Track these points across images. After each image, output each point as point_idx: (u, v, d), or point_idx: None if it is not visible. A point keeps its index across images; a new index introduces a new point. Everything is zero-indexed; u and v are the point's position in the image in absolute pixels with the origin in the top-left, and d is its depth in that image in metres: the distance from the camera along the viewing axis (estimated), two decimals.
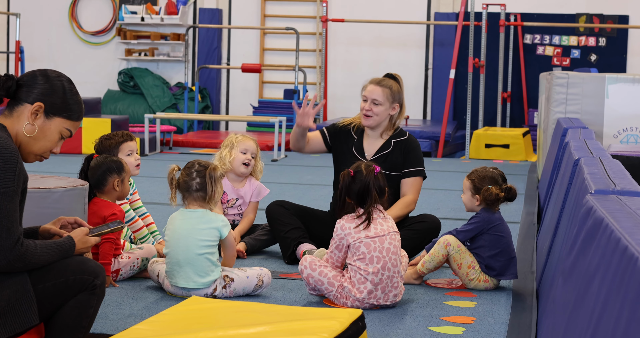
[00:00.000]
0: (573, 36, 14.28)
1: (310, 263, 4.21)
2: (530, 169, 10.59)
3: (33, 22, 15.65)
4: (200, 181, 4.32)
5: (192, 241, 4.29)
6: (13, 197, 2.98)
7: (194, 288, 4.29)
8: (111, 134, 5.05)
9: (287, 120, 13.35)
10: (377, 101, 5.16)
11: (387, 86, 5.18)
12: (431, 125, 13.34)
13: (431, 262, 4.57)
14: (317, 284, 4.18)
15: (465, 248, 4.56)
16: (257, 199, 5.54)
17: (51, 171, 8.80)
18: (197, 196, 4.34)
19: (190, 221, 4.32)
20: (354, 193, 4.15)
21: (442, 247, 4.54)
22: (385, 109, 5.19)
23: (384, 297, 4.15)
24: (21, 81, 3.15)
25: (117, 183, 4.59)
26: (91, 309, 3.16)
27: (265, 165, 5.74)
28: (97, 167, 4.59)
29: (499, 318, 4.05)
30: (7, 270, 3.00)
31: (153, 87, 15.01)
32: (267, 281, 4.40)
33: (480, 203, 4.59)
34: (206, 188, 4.31)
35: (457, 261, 4.55)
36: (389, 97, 5.17)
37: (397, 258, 4.18)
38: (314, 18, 15.11)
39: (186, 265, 4.28)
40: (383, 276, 4.13)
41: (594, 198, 2.86)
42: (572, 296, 2.64)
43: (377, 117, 5.18)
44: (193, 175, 4.33)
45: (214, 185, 4.32)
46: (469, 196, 4.63)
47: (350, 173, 4.17)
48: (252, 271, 4.40)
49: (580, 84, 8.45)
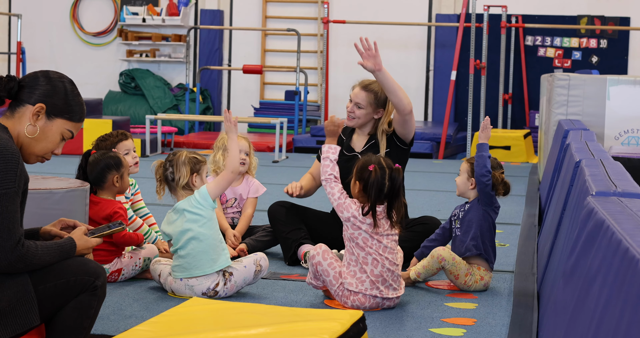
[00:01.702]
0: (574, 38, 14.28)
1: (323, 252, 4.22)
2: (531, 171, 10.59)
3: (34, 23, 15.65)
4: (172, 170, 4.39)
5: (196, 229, 4.31)
6: (14, 198, 2.98)
7: (208, 273, 4.31)
8: (106, 135, 5.06)
9: (288, 121, 13.35)
10: (360, 105, 5.16)
11: (372, 91, 5.17)
12: (432, 127, 13.34)
13: (425, 274, 4.59)
14: (323, 274, 4.20)
15: (460, 259, 4.55)
16: (255, 196, 5.55)
17: (52, 172, 8.81)
18: (173, 185, 4.40)
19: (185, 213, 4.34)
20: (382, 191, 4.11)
21: (436, 262, 4.54)
22: (368, 113, 5.17)
23: (385, 289, 4.15)
24: (23, 82, 3.16)
25: (117, 178, 4.60)
26: (92, 310, 3.16)
27: (266, 167, 5.75)
28: (96, 164, 4.59)
29: (500, 320, 4.05)
30: (8, 270, 3.00)
31: (154, 88, 15.01)
32: (265, 265, 4.43)
33: (475, 187, 4.60)
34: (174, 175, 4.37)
35: (454, 273, 4.55)
36: (373, 102, 5.15)
37: (394, 256, 4.20)
38: (315, 19, 15.11)
39: (198, 253, 4.31)
40: (383, 269, 4.13)
41: (595, 200, 2.86)
42: (573, 298, 2.64)
43: (359, 119, 5.18)
44: (167, 165, 4.41)
45: (179, 170, 4.36)
46: (464, 178, 4.65)
47: (377, 169, 4.12)
48: (247, 259, 4.42)
49: (582, 86, 8.45)
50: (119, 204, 4.59)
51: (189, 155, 4.41)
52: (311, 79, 14.99)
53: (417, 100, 14.90)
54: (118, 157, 4.65)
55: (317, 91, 15.04)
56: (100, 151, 4.69)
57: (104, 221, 4.44)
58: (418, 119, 14.76)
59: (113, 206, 4.55)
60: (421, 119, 14.83)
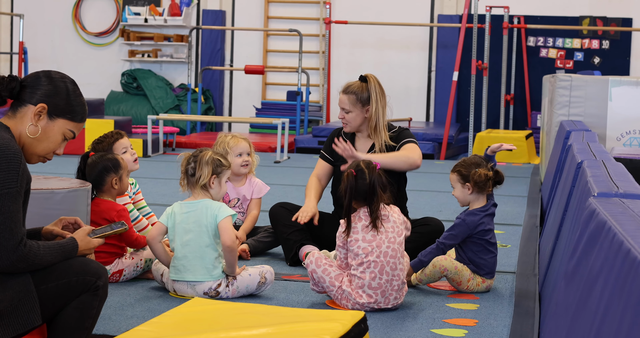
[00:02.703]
0: (576, 39, 14.27)
1: (316, 259, 4.23)
2: (533, 172, 10.59)
3: (36, 23, 15.66)
4: (193, 166, 4.38)
5: (198, 234, 4.30)
6: (16, 198, 2.98)
7: (201, 280, 4.31)
8: (102, 137, 5.06)
9: (290, 122, 13.35)
10: (346, 109, 5.19)
11: (352, 92, 5.19)
12: (434, 127, 13.34)
13: (427, 281, 4.59)
14: (320, 281, 4.20)
15: (462, 266, 4.54)
16: (259, 196, 5.56)
17: (54, 172, 8.81)
18: (192, 181, 4.38)
19: (194, 213, 4.34)
20: (360, 194, 4.15)
21: (438, 272, 4.54)
22: (357, 114, 5.19)
23: (384, 300, 4.15)
24: (25, 82, 3.16)
25: (115, 181, 4.60)
26: (93, 310, 3.16)
27: (268, 167, 5.75)
28: (93, 167, 4.59)
29: (501, 321, 4.05)
30: (10, 270, 3.00)
31: (156, 88, 15.01)
32: (270, 278, 4.41)
33: (472, 190, 4.58)
34: (195, 171, 4.37)
35: (456, 281, 4.55)
36: (355, 102, 5.18)
37: (395, 261, 4.18)
38: (317, 20, 15.11)
39: (193, 258, 4.30)
40: (382, 281, 4.13)
41: (596, 201, 2.86)
42: (574, 299, 2.63)
43: (352, 123, 5.21)
44: (190, 160, 4.43)
45: (200, 168, 4.38)
46: (459, 188, 4.63)
47: (353, 172, 4.17)
48: (254, 269, 4.41)
49: (584, 87, 8.44)
50: (121, 206, 4.60)
51: (214, 156, 4.41)
52: (313, 79, 14.99)
53: (419, 101, 14.90)
54: (116, 159, 4.64)
55: (319, 91, 15.04)
56: (98, 154, 4.68)
57: (107, 223, 4.44)
58: (420, 119, 14.75)
59: (115, 208, 4.55)
60: (423, 120, 14.83)
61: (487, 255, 4.56)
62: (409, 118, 13.51)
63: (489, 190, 4.60)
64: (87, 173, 4.60)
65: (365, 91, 5.18)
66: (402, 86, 14.77)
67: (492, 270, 4.59)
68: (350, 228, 4.15)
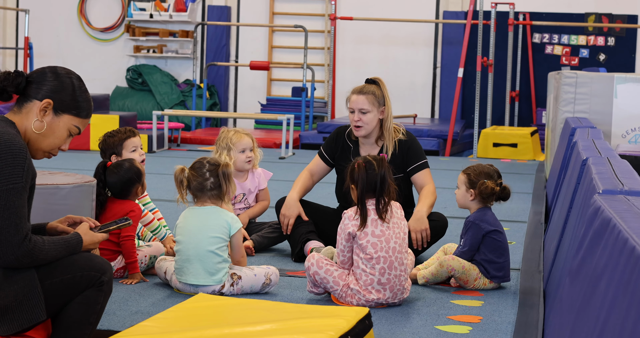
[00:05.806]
0: (582, 35, 14.26)
1: (317, 261, 4.21)
2: (538, 169, 10.58)
3: (42, 19, 15.67)
4: (215, 181, 4.33)
5: (203, 238, 4.30)
6: (21, 193, 2.99)
7: (203, 284, 4.30)
8: (114, 131, 5.04)
9: (295, 118, 13.35)
10: (364, 110, 5.14)
11: (369, 92, 5.15)
12: (439, 124, 13.33)
13: (433, 280, 4.59)
14: (323, 282, 4.19)
15: (469, 265, 4.54)
16: (265, 186, 5.62)
17: (59, 167, 8.82)
18: (211, 195, 4.35)
19: (200, 217, 4.33)
20: (371, 185, 4.12)
21: (445, 271, 4.54)
22: (375, 116, 5.15)
23: (392, 295, 4.15)
24: (30, 78, 3.16)
25: (140, 189, 4.65)
26: (98, 305, 3.16)
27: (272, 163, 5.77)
28: (118, 179, 4.58)
29: (506, 318, 4.04)
30: (15, 265, 3.01)
31: (161, 84, 15.02)
32: (274, 280, 4.40)
33: (475, 198, 4.58)
34: (220, 186, 4.33)
35: (463, 279, 4.55)
36: (375, 102, 5.15)
37: (402, 256, 4.18)
38: (323, 16, 15.10)
39: (196, 261, 4.29)
40: (390, 276, 4.12)
41: (601, 198, 2.86)
42: (579, 296, 2.63)
43: (367, 126, 5.15)
44: (206, 175, 4.34)
45: (228, 183, 4.35)
46: (463, 190, 4.62)
47: (362, 164, 4.15)
48: (259, 269, 4.40)
49: (589, 84, 8.43)
50: (135, 204, 4.63)
51: (228, 169, 4.37)
52: (318, 75, 14.99)
53: (424, 97, 14.89)
54: (137, 168, 4.64)
55: (324, 87, 15.04)
56: (116, 163, 4.65)
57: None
58: (425, 116, 14.75)
59: (130, 206, 4.58)
60: (428, 117, 14.82)
61: (500, 261, 4.56)
62: (414, 114, 13.50)
63: (491, 204, 4.60)
64: (111, 186, 4.59)
65: (379, 91, 5.16)
66: (407, 83, 14.76)
67: (505, 275, 4.58)
68: (366, 219, 4.12)
